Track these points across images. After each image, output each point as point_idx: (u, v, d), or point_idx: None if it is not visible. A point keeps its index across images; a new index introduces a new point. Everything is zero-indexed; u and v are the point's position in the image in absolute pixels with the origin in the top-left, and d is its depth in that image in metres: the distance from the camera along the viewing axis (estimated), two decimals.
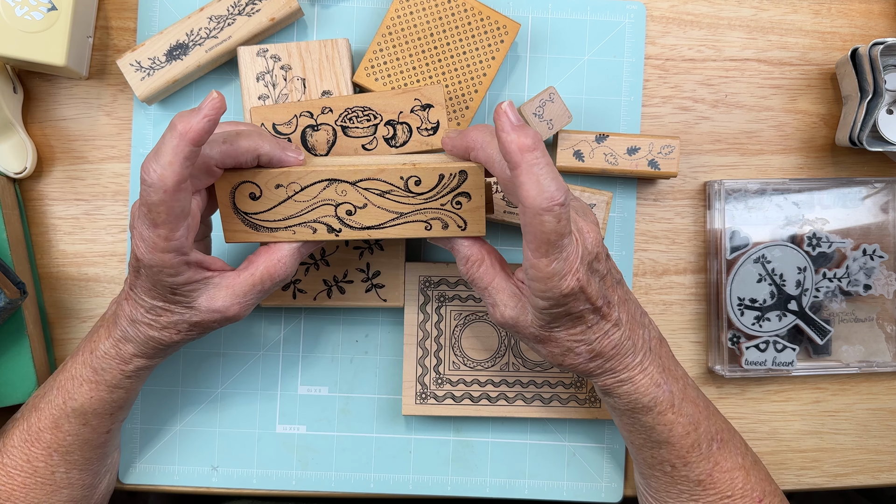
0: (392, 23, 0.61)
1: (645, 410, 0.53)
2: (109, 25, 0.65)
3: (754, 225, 0.65)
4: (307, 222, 0.53)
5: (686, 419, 0.54)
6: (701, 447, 0.54)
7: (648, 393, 0.53)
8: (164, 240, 0.48)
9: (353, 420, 0.66)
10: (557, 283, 0.47)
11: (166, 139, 0.46)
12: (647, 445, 0.55)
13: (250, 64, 0.60)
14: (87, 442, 0.56)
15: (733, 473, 0.55)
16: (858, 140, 0.63)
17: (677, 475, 0.55)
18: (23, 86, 0.64)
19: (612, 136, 0.63)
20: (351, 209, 0.53)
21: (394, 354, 0.66)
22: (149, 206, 0.47)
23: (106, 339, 0.54)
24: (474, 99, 0.61)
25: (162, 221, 0.47)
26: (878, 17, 0.67)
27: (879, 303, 0.67)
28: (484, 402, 0.64)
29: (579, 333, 0.51)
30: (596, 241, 0.49)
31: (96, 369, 0.54)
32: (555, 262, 0.47)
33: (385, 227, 0.53)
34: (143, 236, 0.48)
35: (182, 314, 0.52)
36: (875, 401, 0.68)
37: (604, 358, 0.52)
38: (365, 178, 0.52)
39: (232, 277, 0.52)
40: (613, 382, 0.53)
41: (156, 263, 0.48)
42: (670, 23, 0.66)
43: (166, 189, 0.46)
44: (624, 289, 0.54)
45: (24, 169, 0.62)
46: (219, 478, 0.65)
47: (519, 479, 0.66)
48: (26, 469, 0.55)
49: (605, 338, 0.51)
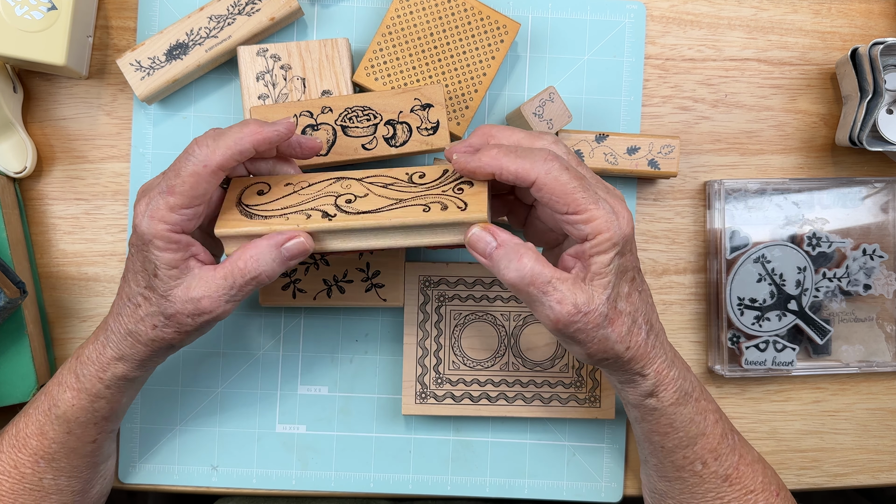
0: (392, 22, 0.61)
1: (686, 398, 0.53)
2: (109, 25, 0.65)
3: (754, 225, 0.65)
4: (303, 210, 0.51)
5: (713, 405, 0.54)
6: (727, 438, 0.54)
7: (687, 378, 0.53)
8: (170, 209, 0.48)
9: (353, 420, 0.66)
10: (617, 221, 0.48)
11: (234, 129, 0.49)
12: (681, 445, 0.54)
13: (250, 63, 0.60)
14: (73, 450, 0.55)
15: (754, 466, 0.55)
16: (858, 140, 0.63)
17: (707, 472, 0.54)
18: (23, 85, 0.64)
19: (612, 135, 0.63)
20: (351, 198, 0.52)
21: (394, 354, 0.66)
22: (177, 172, 0.48)
23: (92, 343, 0.54)
24: (474, 99, 0.61)
25: (180, 192, 0.48)
26: (878, 17, 0.67)
27: (879, 303, 0.67)
28: (484, 402, 0.64)
29: (637, 299, 0.50)
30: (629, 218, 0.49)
31: (78, 375, 0.53)
32: (597, 209, 0.47)
33: (382, 211, 0.50)
34: (150, 204, 0.49)
35: (159, 304, 0.50)
36: (875, 401, 0.68)
37: (654, 331, 0.52)
38: (372, 175, 0.53)
39: (209, 269, 0.50)
40: (663, 366, 0.51)
41: (150, 231, 0.48)
42: (670, 22, 0.66)
43: (206, 165, 0.48)
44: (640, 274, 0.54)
45: (24, 168, 0.62)
46: (218, 477, 0.65)
47: (519, 479, 0.66)
48: (14, 475, 0.54)
49: (650, 309, 0.52)
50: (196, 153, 0.48)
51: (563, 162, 0.47)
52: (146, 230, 0.48)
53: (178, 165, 0.49)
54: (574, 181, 0.47)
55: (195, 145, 0.49)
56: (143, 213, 0.49)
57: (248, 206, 0.52)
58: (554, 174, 0.47)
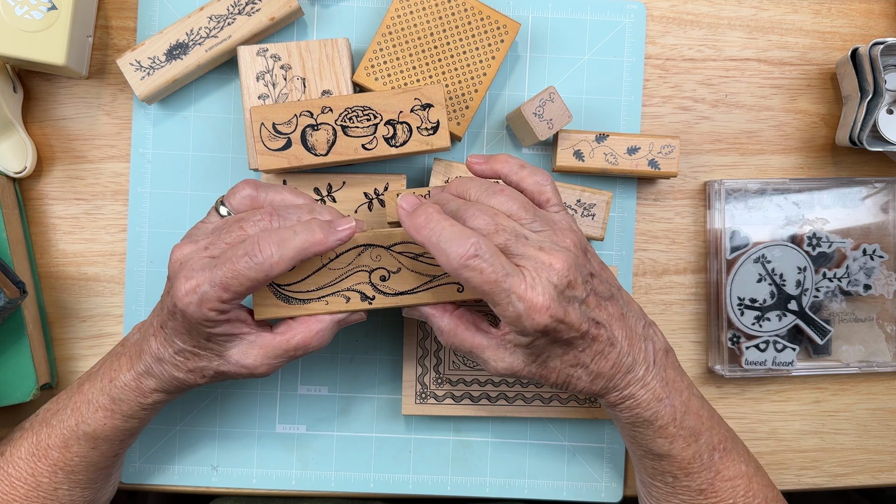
0: (392, 22, 0.61)
1: (646, 425, 0.53)
2: (109, 25, 0.65)
3: (754, 225, 0.65)
4: (340, 291, 0.53)
5: (687, 432, 0.53)
6: (702, 458, 0.54)
7: (650, 408, 0.52)
8: (223, 302, 0.48)
9: (353, 420, 0.66)
10: (526, 323, 0.47)
11: (300, 235, 0.48)
12: (648, 457, 0.55)
13: (250, 63, 0.60)
14: (93, 464, 0.56)
15: (735, 482, 0.54)
16: (858, 140, 0.63)
17: (678, 485, 0.55)
18: (23, 85, 0.64)
19: (612, 135, 0.63)
20: (385, 275, 0.54)
21: (394, 354, 0.66)
22: (235, 271, 0.47)
23: (128, 371, 0.54)
24: (474, 98, 0.61)
25: (234, 290, 0.48)
26: (878, 17, 0.67)
27: (879, 303, 0.67)
28: (484, 402, 0.64)
29: (572, 359, 0.51)
30: (564, 269, 0.48)
31: (114, 398, 0.54)
32: (510, 307, 0.47)
33: (418, 291, 0.54)
34: (200, 293, 0.48)
35: (211, 361, 0.52)
36: (875, 401, 0.68)
37: (605, 378, 0.52)
38: (399, 242, 0.54)
39: (268, 338, 0.52)
40: (616, 399, 0.53)
41: (200, 315, 0.49)
42: (670, 22, 0.66)
43: (269, 274, 0.48)
44: (619, 303, 0.53)
45: (23, 168, 0.62)
46: (218, 477, 0.65)
47: (519, 479, 0.66)
48: (30, 482, 0.55)
49: (601, 358, 0.51)
50: (259, 259, 0.47)
51: (481, 257, 0.46)
52: (194, 314, 0.49)
53: (236, 262, 0.47)
54: (491, 278, 0.46)
55: (258, 246, 0.47)
56: (189, 297, 0.48)
57: (279, 286, 0.53)
58: (465, 276, 0.47)
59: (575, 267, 0.48)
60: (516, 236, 0.48)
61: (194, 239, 0.51)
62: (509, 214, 0.50)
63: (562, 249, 0.49)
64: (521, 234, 0.49)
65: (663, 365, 0.53)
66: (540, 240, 0.49)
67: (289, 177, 0.60)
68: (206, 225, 0.52)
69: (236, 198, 0.52)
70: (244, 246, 0.48)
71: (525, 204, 0.50)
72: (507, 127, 0.65)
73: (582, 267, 0.49)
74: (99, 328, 0.65)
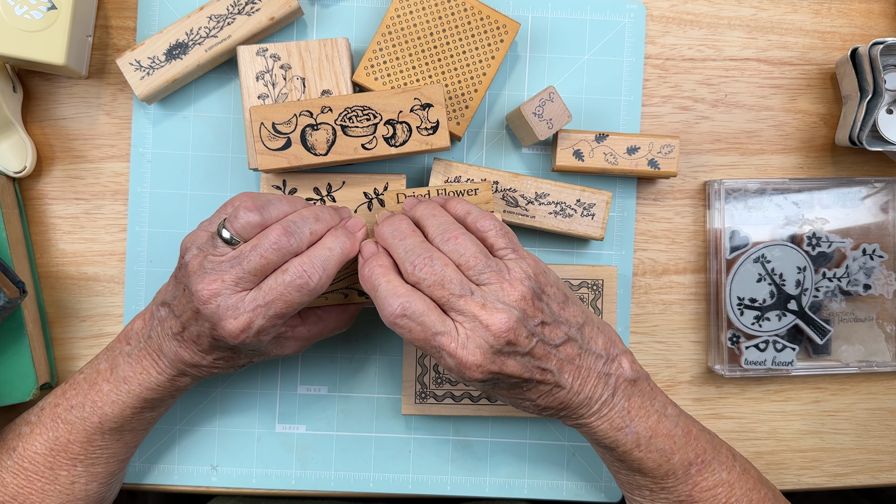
0: (392, 22, 0.61)
1: (608, 449, 0.54)
2: (109, 24, 0.65)
3: (754, 224, 0.65)
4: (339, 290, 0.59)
5: (657, 454, 0.53)
6: (677, 474, 0.54)
7: (608, 436, 0.52)
8: (275, 327, 0.51)
9: (353, 420, 0.66)
10: (460, 376, 0.49)
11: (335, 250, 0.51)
12: (622, 471, 0.56)
13: (250, 63, 0.60)
14: (114, 455, 0.57)
15: (715, 490, 0.54)
16: (858, 140, 0.63)
17: (656, 498, 0.55)
18: (22, 85, 0.64)
19: (612, 135, 0.63)
20: None
21: (393, 354, 0.66)
22: (290, 303, 0.50)
23: (158, 374, 0.55)
24: (474, 98, 0.61)
25: (287, 315, 0.51)
26: (878, 17, 0.67)
27: (879, 302, 0.67)
28: (484, 402, 0.64)
29: (518, 394, 0.52)
30: (503, 330, 0.47)
31: (147, 399, 0.56)
32: (442, 360, 0.48)
33: None
34: (252, 325, 0.50)
35: (251, 358, 0.56)
36: (875, 401, 0.68)
37: (553, 410, 0.52)
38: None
39: (303, 331, 0.57)
40: (571, 425, 0.54)
41: (254, 344, 0.51)
42: (670, 22, 0.66)
43: (317, 294, 0.51)
44: (577, 343, 0.51)
45: (23, 168, 0.62)
46: (218, 477, 0.65)
47: (519, 479, 0.66)
48: (48, 476, 0.55)
49: (548, 396, 0.51)
50: (311, 286, 0.50)
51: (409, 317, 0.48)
52: (249, 343, 0.51)
53: (289, 295, 0.49)
54: (419, 336, 0.48)
55: (307, 276, 0.49)
56: (245, 333, 0.50)
57: None
58: (398, 332, 0.49)
59: (519, 323, 0.48)
60: (459, 291, 0.48)
61: (218, 274, 0.50)
62: (459, 264, 0.49)
63: (505, 307, 0.48)
64: (466, 288, 0.48)
65: (626, 394, 0.52)
66: (484, 294, 0.48)
67: (288, 176, 0.60)
68: (217, 257, 0.51)
69: (240, 224, 0.51)
70: (290, 276, 0.50)
71: (477, 252, 0.50)
72: (506, 127, 0.65)
73: (529, 320, 0.49)
74: (99, 328, 0.65)
